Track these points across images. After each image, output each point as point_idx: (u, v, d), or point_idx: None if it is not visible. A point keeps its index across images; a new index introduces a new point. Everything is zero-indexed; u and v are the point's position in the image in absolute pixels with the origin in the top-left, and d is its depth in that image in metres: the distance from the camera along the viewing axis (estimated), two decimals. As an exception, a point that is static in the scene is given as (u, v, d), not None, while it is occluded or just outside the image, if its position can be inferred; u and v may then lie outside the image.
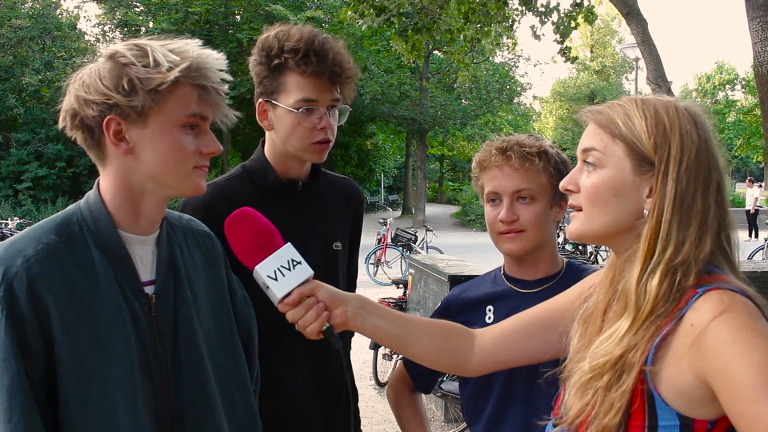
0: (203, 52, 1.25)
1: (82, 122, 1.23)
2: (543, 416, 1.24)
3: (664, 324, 1.03)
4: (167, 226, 1.38)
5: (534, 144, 1.60)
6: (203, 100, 1.25)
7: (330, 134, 1.70)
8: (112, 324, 1.21)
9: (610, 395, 1.04)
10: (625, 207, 1.12)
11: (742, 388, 0.94)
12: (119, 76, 1.19)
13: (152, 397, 1.24)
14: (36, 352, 1.14)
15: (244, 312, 1.52)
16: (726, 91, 45.78)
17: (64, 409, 1.16)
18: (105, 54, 1.23)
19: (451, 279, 5.06)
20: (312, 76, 1.64)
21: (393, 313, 1.35)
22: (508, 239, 1.61)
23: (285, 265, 1.23)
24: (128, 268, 1.26)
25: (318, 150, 1.71)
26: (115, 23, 26.13)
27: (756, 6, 5.55)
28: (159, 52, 1.20)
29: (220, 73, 1.27)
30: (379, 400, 5.78)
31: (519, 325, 1.34)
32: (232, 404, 1.39)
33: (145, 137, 1.22)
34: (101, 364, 1.19)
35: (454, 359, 1.35)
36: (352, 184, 2.01)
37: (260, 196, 1.74)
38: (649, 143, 1.09)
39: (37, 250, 1.18)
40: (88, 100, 1.20)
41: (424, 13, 8.65)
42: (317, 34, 1.67)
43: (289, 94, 1.66)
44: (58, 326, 1.16)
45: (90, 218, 1.26)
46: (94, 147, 1.26)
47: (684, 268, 1.05)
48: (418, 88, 26.60)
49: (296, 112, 1.65)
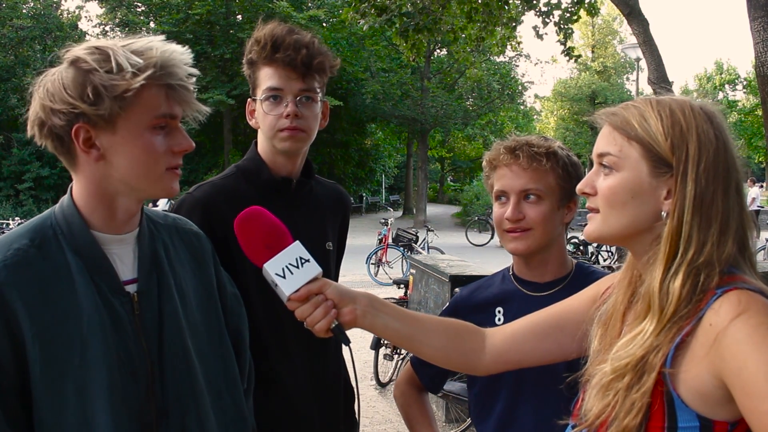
0: (167, 49, 1.22)
1: (50, 131, 1.21)
2: (553, 417, 1.24)
3: (685, 325, 1.03)
4: (150, 225, 1.37)
5: (543, 144, 1.61)
6: (171, 99, 1.23)
7: (300, 123, 1.72)
8: (88, 324, 1.20)
9: (631, 396, 1.04)
10: (643, 209, 1.11)
11: (755, 385, 0.94)
12: (83, 84, 1.16)
13: (134, 395, 1.23)
14: (3, 356, 1.14)
15: (234, 310, 1.51)
16: (726, 91, 45.74)
17: (38, 412, 1.16)
18: (66, 59, 1.20)
19: (452, 279, 5.05)
20: (276, 66, 1.69)
21: (403, 311, 1.35)
22: (514, 238, 1.62)
23: (293, 263, 1.24)
24: (104, 267, 1.25)
25: (286, 137, 1.72)
26: (116, 23, 26.16)
27: (757, 6, 5.55)
28: (121, 56, 1.17)
29: (186, 68, 1.25)
30: (379, 400, 5.77)
31: (532, 325, 1.33)
32: (221, 402, 1.38)
33: (115, 143, 1.21)
34: (76, 365, 1.18)
35: (465, 358, 1.35)
36: (340, 189, 2.06)
37: (256, 193, 1.77)
38: (666, 145, 1.08)
39: (6, 256, 1.18)
40: (54, 109, 1.18)
41: (426, 13, 8.65)
42: (286, 28, 1.72)
43: (261, 86, 1.73)
44: (28, 330, 1.15)
45: (63, 222, 1.26)
46: (65, 154, 1.25)
47: (707, 270, 1.04)
48: (419, 87, 26.59)
49: (264, 102, 1.72)
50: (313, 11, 23.84)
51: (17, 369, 1.15)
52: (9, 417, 1.13)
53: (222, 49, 23.63)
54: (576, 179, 1.63)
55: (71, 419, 1.17)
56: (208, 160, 26.28)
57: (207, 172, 23.36)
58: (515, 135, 1.66)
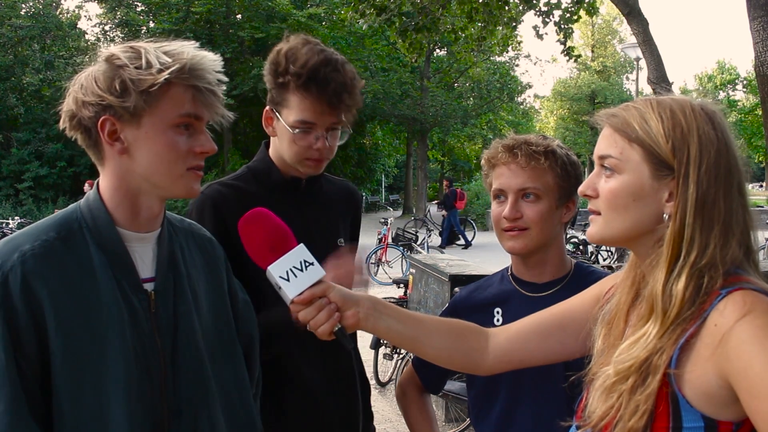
0: (198, 54, 1.27)
1: (79, 123, 1.27)
2: (552, 417, 1.24)
3: (689, 326, 1.03)
4: (169, 227, 1.40)
5: (541, 143, 1.60)
6: (197, 100, 1.27)
7: (326, 153, 1.75)
8: (108, 318, 1.23)
9: (635, 398, 1.04)
10: (645, 211, 1.11)
11: (761, 385, 0.94)
12: (112, 78, 1.22)
13: (148, 392, 1.25)
14: (28, 345, 1.17)
15: (245, 316, 1.53)
16: (727, 91, 45.74)
17: (57, 402, 1.19)
18: (102, 56, 1.26)
19: (451, 279, 5.05)
20: (312, 101, 1.68)
21: (405, 313, 1.35)
22: (511, 237, 1.61)
23: (297, 266, 1.24)
24: (126, 264, 1.28)
25: (312, 165, 1.77)
26: (115, 23, 26.15)
27: (757, 6, 5.55)
28: (152, 54, 1.23)
29: (215, 74, 1.29)
30: (380, 400, 5.78)
31: (535, 325, 1.33)
32: (231, 405, 1.40)
33: (139, 137, 1.25)
34: (96, 358, 1.21)
35: (468, 358, 1.35)
36: (350, 186, 2.07)
37: (266, 192, 1.80)
38: (667, 147, 1.07)
39: (33, 246, 1.22)
40: (85, 101, 1.24)
41: (425, 12, 8.66)
42: (326, 60, 1.68)
43: (290, 111, 1.71)
44: (52, 320, 1.18)
45: (89, 216, 1.29)
46: (92, 147, 1.29)
47: (710, 272, 1.04)
48: (419, 87, 26.59)
49: (293, 132, 1.71)
50: (313, 9, 23.81)
51: (40, 357, 1.18)
52: (30, 403, 1.16)
53: (222, 48, 23.57)
54: (575, 178, 1.63)
55: (87, 410, 1.19)
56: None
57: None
58: (514, 134, 1.66)
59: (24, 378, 1.15)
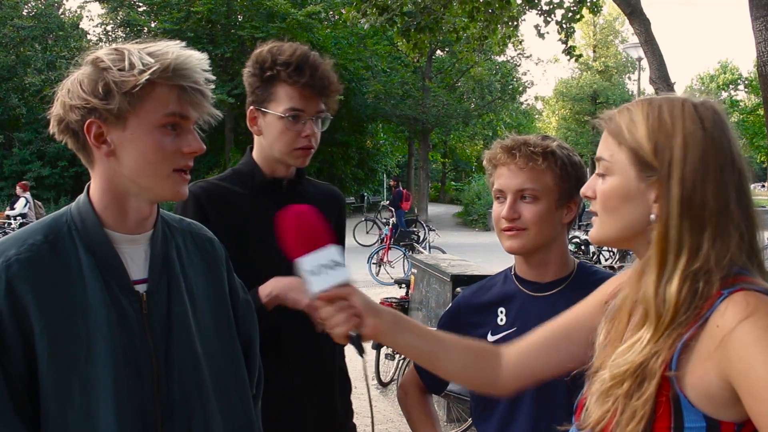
0: (183, 53, 1.27)
1: (67, 127, 1.27)
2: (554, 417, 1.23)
3: (687, 329, 1.03)
4: (165, 228, 1.40)
5: (540, 144, 1.60)
6: (183, 100, 1.26)
7: (313, 141, 1.86)
8: (95, 320, 1.23)
9: (632, 403, 1.04)
10: (635, 213, 1.11)
11: (762, 388, 0.94)
12: (96, 81, 1.23)
13: (139, 394, 1.25)
14: (14, 348, 1.17)
15: (246, 316, 1.53)
16: (729, 91, 45.67)
17: (45, 404, 1.19)
18: (87, 60, 1.27)
19: (453, 279, 5.04)
20: (301, 87, 1.80)
21: (424, 329, 1.35)
22: (509, 236, 1.63)
23: (328, 263, 1.25)
24: (115, 265, 1.28)
25: (301, 155, 1.87)
26: (117, 23, 26.16)
27: (759, 5, 5.54)
28: (135, 56, 1.23)
29: (201, 74, 1.29)
30: (381, 400, 5.77)
31: (542, 339, 1.33)
32: (229, 406, 1.39)
33: (125, 139, 1.25)
34: (82, 360, 1.21)
35: (485, 377, 1.34)
36: (334, 189, 2.16)
37: (249, 193, 1.90)
38: (649, 148, 1.08)
39: (19, 251, 1.22)
40: (72, 105, 1.25)
41: (427, 12, 8.65)
42: (308, 51, 1.85)
43: (279, 103, 1.82)
44: (38, 323, 1.19)
45: (78, 218, 1.29)
46: (81, 150, 1.30)
47: (706, 276, 1.03)
48: (420, 87, 26.58)
49: (284, 118, 1.82)
50: (312, 7, 23.77)
51: (26, 361, 1.18)
52: (17, 407, 1.17)
53: (223, 48, 23.60)
54: (576, 179, 1.63)
55: (76, 413, 1.20)
56: (209, 159, 26.25)
57: (208, 171, 23.30)
58: (515, 134, 1.66)
59: (9, 380, 1.16)
